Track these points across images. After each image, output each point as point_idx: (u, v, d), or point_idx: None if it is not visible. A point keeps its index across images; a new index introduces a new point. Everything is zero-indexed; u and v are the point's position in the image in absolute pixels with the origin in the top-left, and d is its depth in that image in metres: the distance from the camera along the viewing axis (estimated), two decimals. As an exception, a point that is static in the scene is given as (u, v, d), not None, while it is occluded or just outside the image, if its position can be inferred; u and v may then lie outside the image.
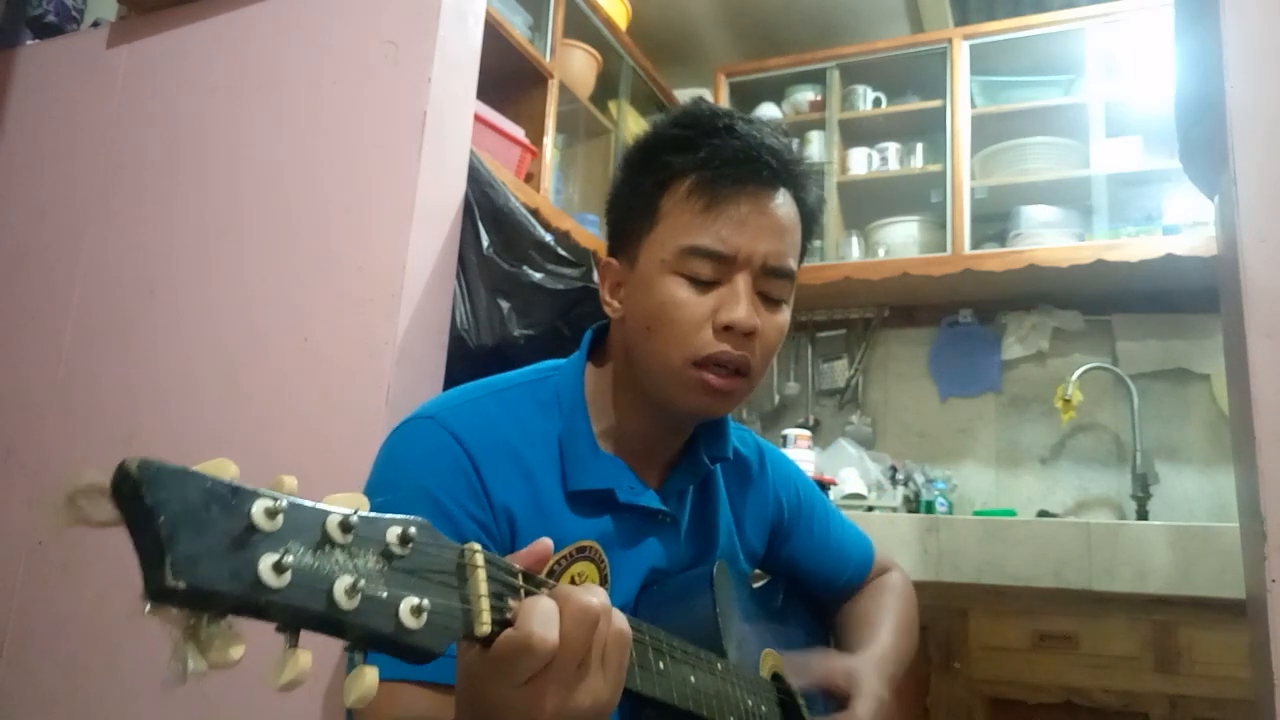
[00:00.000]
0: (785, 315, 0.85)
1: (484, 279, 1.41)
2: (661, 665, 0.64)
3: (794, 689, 0.91)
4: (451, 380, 1.34)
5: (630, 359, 0.84)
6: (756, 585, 1.05)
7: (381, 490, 0.76)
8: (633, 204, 0.84)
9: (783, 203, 0.82)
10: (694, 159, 0.80)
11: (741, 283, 0.79)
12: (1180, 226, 2.21)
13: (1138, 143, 2.34)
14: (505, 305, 1.41)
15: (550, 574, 0.78)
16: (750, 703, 0.79)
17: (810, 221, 0.87)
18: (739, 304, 0.79)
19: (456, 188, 1.41)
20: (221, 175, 1.51)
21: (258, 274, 1.42)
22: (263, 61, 1.53)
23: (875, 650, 0.98)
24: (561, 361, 0.90)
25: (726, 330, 0.79)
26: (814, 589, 1.10)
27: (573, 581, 0.81)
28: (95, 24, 1.87)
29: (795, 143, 0.86)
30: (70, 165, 1.68)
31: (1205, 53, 1.14)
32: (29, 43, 1.87)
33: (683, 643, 0.70)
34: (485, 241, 1.41)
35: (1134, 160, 2.33)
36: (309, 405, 1.31)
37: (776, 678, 0.91)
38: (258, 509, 0.38)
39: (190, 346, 1.45)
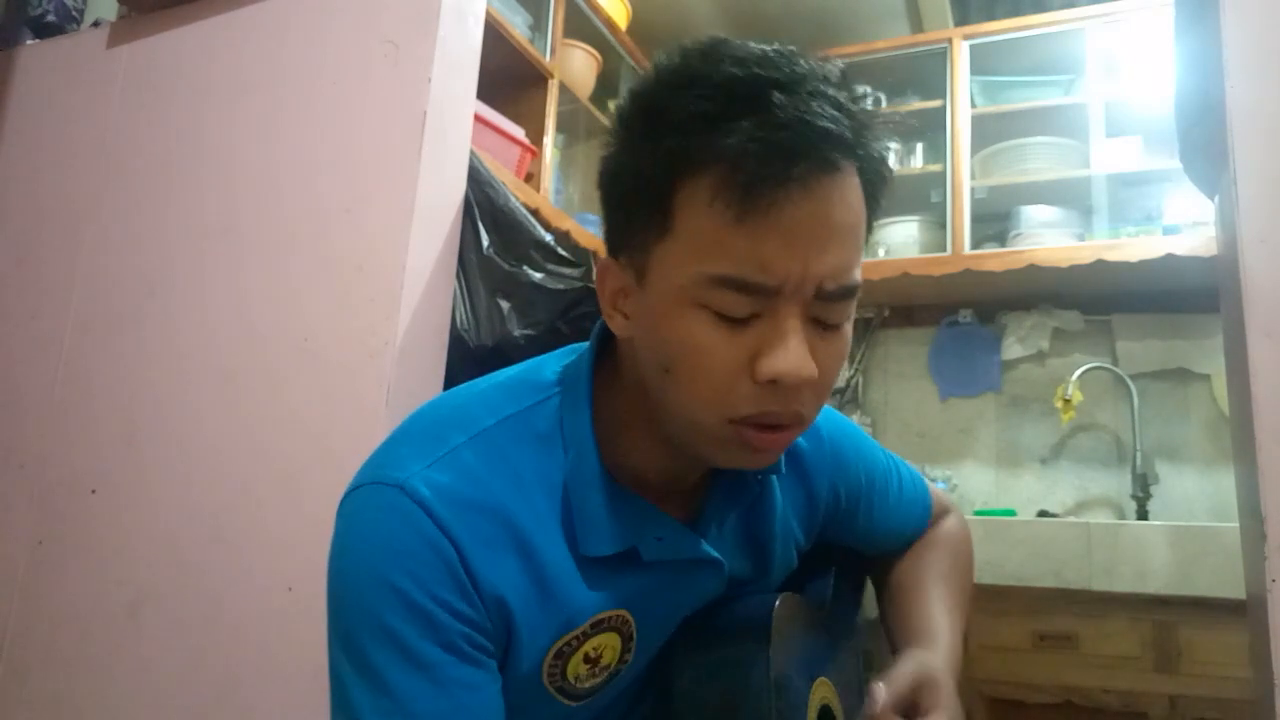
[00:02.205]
0: (847, 336, 0.65)
1: (484, 279, 1.41)
2: None
3: None
4: (451, 381, 1.34)
5: (646, 390, 0.66)
6: (805, 578, 0.94)
7: (344, 584, 0.63)
8: (636, 195, 0.62)
9: (845, 191, 0.59)
10: (720, 147, 0.56)
11: (790, 320, 0.59)
12: (1180, 226, 2.21)
13: (1138, 143, 2.34)
14: (505, 305, 1.41)
15: (559, 655, 0.67)
16: None
17: (880, 189, 0.63)
18: (787, 350, 0.58)
19: (456, 188, 1.41)
20: (222, 175, 1.51)
21: (257, 274, 1.42)
22: (262, 61, 1.53)
23: (940, 643, 0.80)
24: (562, 367, 0.73)
25: (771, 383, 0.59)
26: (869, 553, 0.97)
27: (586, 658, 0.69)
28: (95, 24, 1.87)
29: (859, 94, 0.62)
30: (70, 165, 1.68)
31: (1205, 53, 1.13)
32: (29, 43, 1.87)
33: None
34: (485, 241, 1.41)
35: (1134, 160, 2.34)
36: (309, 405, 1.31)
37: (825, 712, 0.82)
38: None
39: (190, 346, 1.45)
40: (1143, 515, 2.26)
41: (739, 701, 0.70)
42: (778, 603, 0.74)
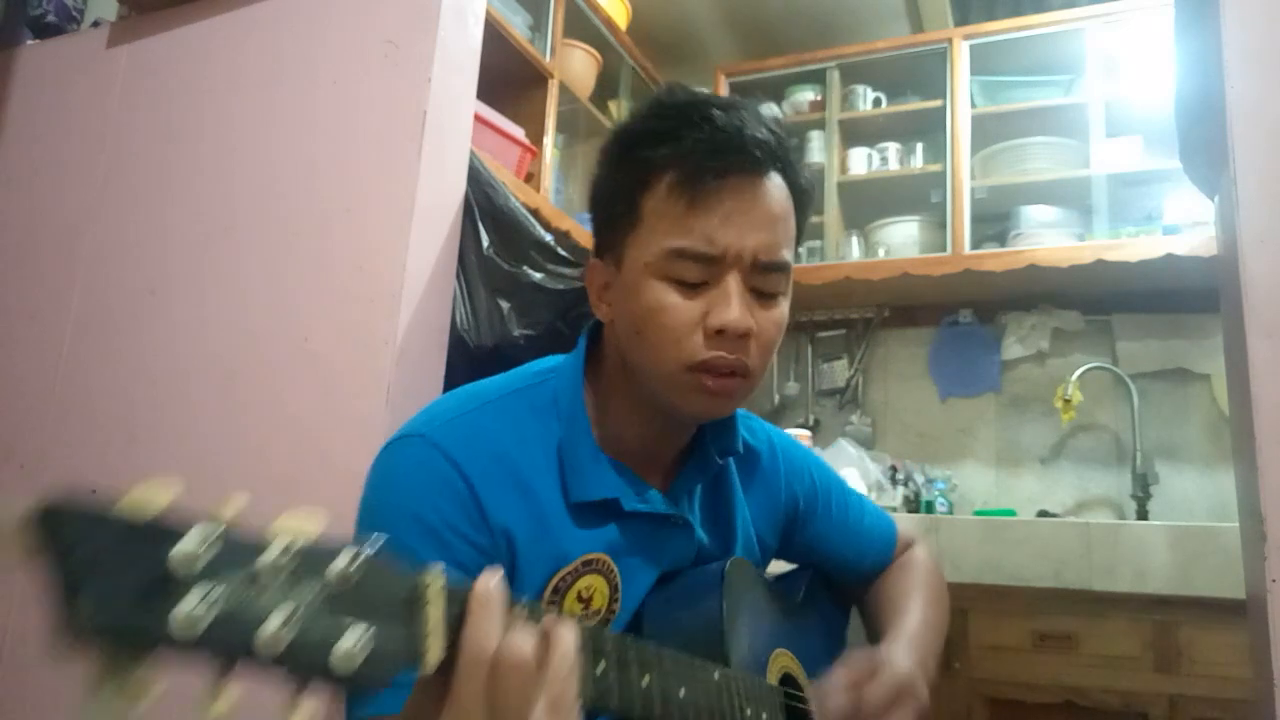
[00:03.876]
0: (783, 309, 0.80)
1: (484, 279, 1.41)
2: (646, 681, 0.62)
3: (805, 691, 0.88)
4: (452, 381, 1.34)
5: (625, 362, 0.82)
6: (777, 576, 1.03)
7: (373, 515, 0.75)
8: (614, 202, 0.80)
9: (772, 189, 0.78)
10: (672, 153, 0.76)
11: (732, 282, 0.76)
12: (1180, 226, 2.21)
13: (1138, 143, 2.34)
14: (505, 305, 1.41)
15: (555, 591, 0.78)
16: (749, 711, 0.76)
17: (805, 202, 0.82)
18: (730, 306, 0.75)
19: (456, 188, 1.41)
20: (222, 175, 1.51)
21: (257, 274, 1.42)
22: (262, 61, 1.53)
23: (903, 630, 0.94)
24: (558, 361, 0.87)
25: (719, 334, 0.75)
26: (838, 576, 1.08)
27: (579, 597, 0.79)
28: (95, 24, 1.87)
29: (780, 122, 0.81)
30: (70, 165, 1.68)
31: (1205, 53, 1.13)
32: (29, 43, 1.87)
33: (675, 653, 0.67)
34: (485, 241, 1.41)
35: (1134, 160, 2.33)
36: (308, 405, 1.31)
37: (788, 679, 0.89)
38: (181, 548, 0.36)
39: (190, 346, 1.45)
40: (1143, 515, 2.26)
41: (694, 625, 0.81)
42: (730, 561, 0.85)
